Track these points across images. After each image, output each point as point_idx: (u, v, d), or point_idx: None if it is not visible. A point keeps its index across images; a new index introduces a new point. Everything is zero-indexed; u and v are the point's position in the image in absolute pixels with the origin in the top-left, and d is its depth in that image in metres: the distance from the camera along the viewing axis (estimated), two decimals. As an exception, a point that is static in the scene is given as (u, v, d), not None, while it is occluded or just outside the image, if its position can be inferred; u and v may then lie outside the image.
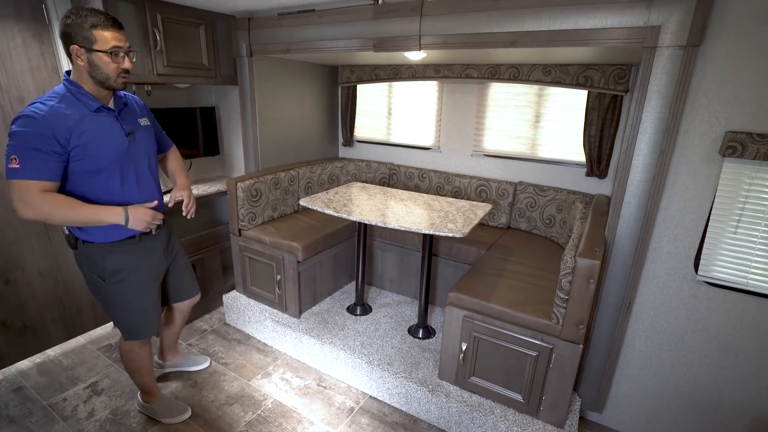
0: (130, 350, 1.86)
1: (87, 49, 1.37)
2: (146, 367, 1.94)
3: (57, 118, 1.35)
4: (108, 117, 1.51)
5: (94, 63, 1.39)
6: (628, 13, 1.55)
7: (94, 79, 1.43)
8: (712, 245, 1.70)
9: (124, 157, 1.53)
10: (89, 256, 1.59)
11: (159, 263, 1.79)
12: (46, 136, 1.32)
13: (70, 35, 1.36)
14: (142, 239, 1.66)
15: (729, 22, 1.49)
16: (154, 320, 1.81)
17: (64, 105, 1.38)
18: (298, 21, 2.39)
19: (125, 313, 1.72)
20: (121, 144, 1.52)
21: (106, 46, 1.38)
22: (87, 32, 1.35)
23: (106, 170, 1.49)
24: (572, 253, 1.64)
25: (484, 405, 1.96)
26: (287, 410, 2.15)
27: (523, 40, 1.77)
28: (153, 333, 1.82)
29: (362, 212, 2.17)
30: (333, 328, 2.53)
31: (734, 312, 1.72)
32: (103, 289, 1.64)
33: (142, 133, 1.63)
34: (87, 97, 1.43)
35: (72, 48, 1.36)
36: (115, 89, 1.50)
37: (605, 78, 2.29)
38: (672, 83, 1.55)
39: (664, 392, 1.97)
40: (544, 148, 2.73)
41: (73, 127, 1.38)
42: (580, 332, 1.68)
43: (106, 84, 1.45)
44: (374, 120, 3.44)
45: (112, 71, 1.42)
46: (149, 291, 1.75)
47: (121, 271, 1.62)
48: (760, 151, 1.50)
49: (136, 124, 1.62)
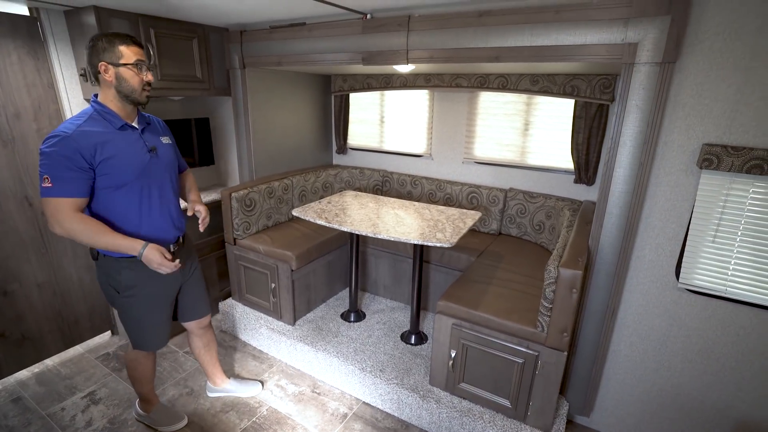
0: (136, 359, 1.92)
1: (114, 65, 1.48)
2: (148, 377, 1.99)
3: (84, 136, 1.43)
4: (132, 134, 1.58)
5: (120, 77, 1.49)
6: (606, 31, 1.60)
7: (120, 94, 1.52)
8: (691, 254, 1.74)
9: (146, 173, 1.60)
10: (106, 269, 1.65)
11: (173, 282, 1.80)
12: (74, 154, 1.40)
13: (98, 54, 1.47)
14: None
15: (703, 39, 1.53)
16: (161, 336, 1.86)
17: (91, 124, 1.48)
18: (289, 34, 2.44)
19: (134, 325, 1.78)
20: (143, 160, 1.59)
21: (130, 60, 1.50)
22: (114, 49, 1.47)
23: (129, 185, 1.55)
24: (555, 263, 1.68)
25: (473, 410, 2.01)
26: (282, 417, 2.19)
27: (506, 55, 1.82)
28: (159, 347, 1.87)
29: (353, 222, 2.21)
30: (327, 335, 2.58)
31: (714, 318, 1.77)
32: (117, 300, 1.71)
33: (163, 151, 1.70)
34: (112, 115, 1.53)
35: (100, 65, 1.47)
36: (140, 103, 1.58)
37: (591, 87, 2.34)
38: (650, 98, 1.59)
39: (649, 396, 2.01)
40: (534, 155, 2.78)
41: (98, 143, 1.45)
42: (565, 340, 1.73)
43: (131, 97, 1.54)
44: (367, 128, 3.49)
45: (137, 84, 1.52)
46: (159, 308, 1.79)
47: (133, 287, 1.67)
48: (734, 164, 1.55)
49: (158, 141, 1.69)
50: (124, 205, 1.56)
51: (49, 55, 2.25)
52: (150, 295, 1.73)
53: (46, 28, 2.21)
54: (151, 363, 1.96)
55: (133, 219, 1.59)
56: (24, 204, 2.27)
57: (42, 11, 2.19)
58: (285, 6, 2.09)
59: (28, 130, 2.23)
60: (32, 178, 2.28)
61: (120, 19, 2.21)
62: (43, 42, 2.22)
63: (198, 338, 2.11)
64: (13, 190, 2.22)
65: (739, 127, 1.55)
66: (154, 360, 1.99)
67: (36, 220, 2.32)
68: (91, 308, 2.67)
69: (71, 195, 1.42)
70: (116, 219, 1.56)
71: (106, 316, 2.76)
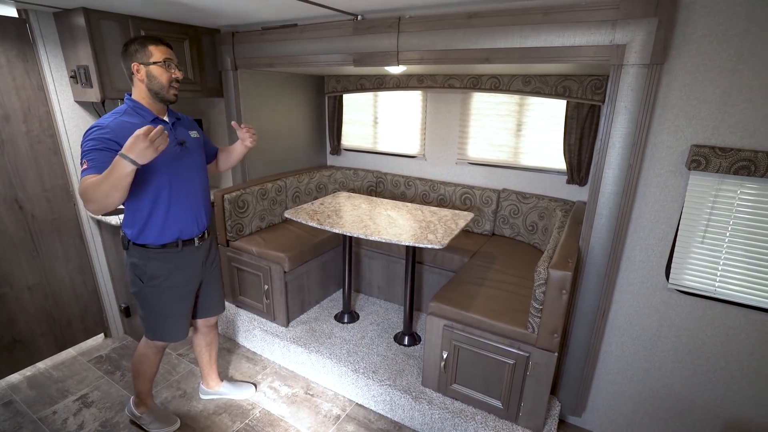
0: (145, 353, 1.94)
1: (145, 64, 1.58)
2: (151, 373, 2.02)
3: (120, 126, 1.51)
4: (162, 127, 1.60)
5: (151, 74, 1.59)
6: (595, 32, 1.60)
7: (151, 92, 1.61)
8: (681, 254, 1.75)
9: (176, 165, 1.67)
10: (135, 257, 1.71)
11: (196, 275, 1.87)
12: (110, 141, 1.47)
13: (132, 56, 1.58)
14: (184, 249, 1.76)
15: (690, 41, 1.54)
16: (180, 329, 1.88)
17: (126, 117, 1.58)
18: (281, 36, 2.43)
19: (154, 315, 1.81)
20: (174, 152, 1.66)
21: (159, 58, 1.59)
22: (144, 49, 1.58)
23: (158, 176, 1.61)
24: (545, 265, 1.69)
25: (465, 411, 2.01)
26: (275, 419, 2.19)
27: (496, 56, 1.82)
28: (178, 339, 1.89)
29: (346, 224, 2.21)
30: (320, 337, 2.58)
31: (704, 318, 1.78)
32: (141, 289, 1.75)
33: (192, 144, 1.78)
34: (144, 110, 1.63)
35: (133, 65, 1.58)
36: (169, 100, 1.65)
37: (583, 88, 2.34)
38: (638, 99, 1.60)
39: (641, 396, 2.02)
40: (526, 156, 2.78)
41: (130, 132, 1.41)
42: (555, 341, 1.73)
43: (160, 94, 1.62)
44: (361, 129, 3.49)
45: (166, 80, 1.61)
46: (181, 301, 1.84)
47: (158, 278, 1.73)
48: (722, 165, 1.55)
49: (187, 135, 1.77)
50: (153, 194, 1.63)
51: (39, 57, 2.24)
52: (173, 287, 1.78)
53: (35, 29, 2.20)
54: (158, 360, 1.99)
55: (160, 209, 1.65)
56: (14, 206, 2.25)
57: (31, 13, 2.18)
58: (276, 7, 2.09)
59: (18, 133, 2.22)
60: (22, 180, 2.27)
61: (110, 21, 2.20)
62: (33, 44, 2.20)
63: (203, 336, 2.14)
64: (3, 193, 2.20)
65: (727, 128, 1.56)
66: (160, 359, 2.01)
67: (26, 222, 2.31)
68: (84, 311, 2.66)
69: (99, 172, 1.41)
70: (144, 212, 1.63)
71: (98, 318, 2.75)
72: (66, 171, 2.44)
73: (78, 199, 2.52)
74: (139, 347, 1.96)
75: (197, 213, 1.79)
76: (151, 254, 1.70)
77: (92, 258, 2.65)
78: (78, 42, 2.19)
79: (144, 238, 1.68)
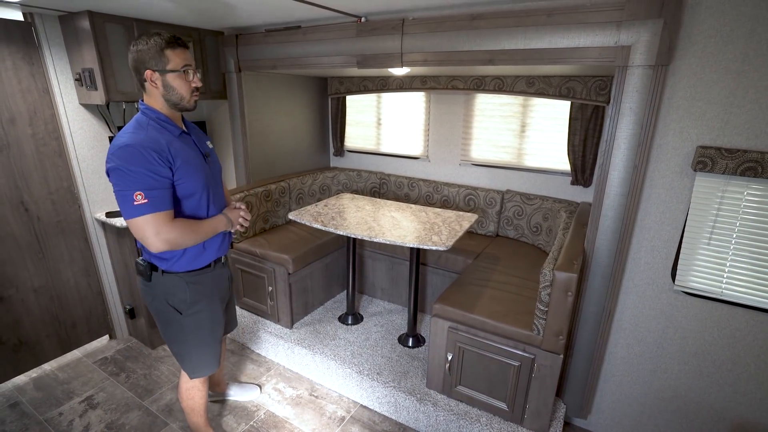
0: (193, 387, 1.77)
1: (160, 72, 1.35)
2: (204, 404, 1.85)
3: (155, 143, 1.33)
4: (188, 141, 1.50)
5: (168, 85, 1.37)
6: (599, 34, 1.59)
7: (168, 102, 1.41)
8: (687, 256, 1.74)
9: (208, 181, 1.52)
10: (167, 287, 1.52)
11: (226, 292, 1.76)
12: (157, 164, 1.31)
13: (143, 61, 1.34)
14: (215, 267, 1.63)
15: (695, 43, 1.53)
16: (218, 353, 1.73)
17: (153, 132, 1.37)
18: (285, 38, 2.44)
19: (196, 347, 1.63)
20: (203, 167, 1.51)
21: (178, 65, 1.37)
22: (158, 54, 1.34)
23: (198, 194, 1.47)
24: (550, 266, 1.68)
25: (470, 413, 2.01)
26: (279, 420, 2.19)
27: (499, 58, 1.81)
28: (216, 368, 1.74)
29: (350, 225, 2.21)
30: (324, 338, 2.58)
31: (710, 320, 1.77)
32: (176, 323, 1.57)
33: (212, 156, 1.64)
34: (168, 122, 1.43)
35: (146, 73, 1.35)
36: (188, 109, 1.47)
37: (587, 89, 2.34)
38: (644, 100, 1.59)
39: (647, 398, 2.01)
40: (530, 157, 2.78)
41: (169, 150, 1.36)
42: (560, 343, 1.73)
43: (180, 105, 1.43)
44: (364, 130, 3.49)
45: (186, 91, 1.41)
46: (218, 325, 1.69)
47: (199, 302, 1.57)
48: (729, 166, 1.54)
49: (206, 147, 1.61)
50: (191, 211, 1.49)
51: (44, 60, 2.25)
52: (213, 310, 1.63)
53: (40, 33, 2.21)
54: (206, 387, 1.82)
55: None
56: (20, 209, 2.27)
57: (36, 16, 2.19)
58: (280, 9, 2.09)
59: (24, 135, 2.23)
60: (28, 183, 2.28)
61: (115, 24, 2.21)
62: (38, 47, 2.22)
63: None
64: (9, 196, 2.22)
65: (733, 129, 1.55)
66: (207, 385, 1.87)
67: (32, 225, 2.32)
68: (89, 312, 2.67)
69: (167, 208, 1.34)
70: None
71: (103, 320, 2.76)
72: (71, 173, 2.46)
73: (82, 201, 2.53)
74: (181, 384, 1.78)
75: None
76: (187, 279, 1.52)
77: (97, 260, 2.66)
78: (83, 45, 2.20)
79: (180, 264, 1.50)
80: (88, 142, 2.51)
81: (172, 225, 1.36)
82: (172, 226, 1.36)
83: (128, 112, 2.63)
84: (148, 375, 2.51)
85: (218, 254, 1.63)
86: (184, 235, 1.38)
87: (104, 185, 2.62)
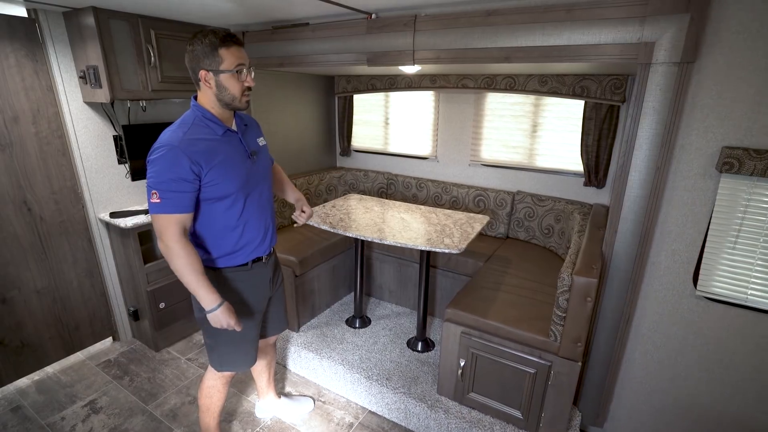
0: (214, 386, 1.77)
1: (214, 72, 1.35)
2: (220, 407, 1.84)
3: (191, 145, 1.33)
4: (233, 138, 1.48)
5: (221, 85, 1.37)
6: (621, 30, 1.53)
7: (221, 102, 1.41)
8: (710, 260, 1.68)
9: (248, 181, 1.49)
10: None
11: (265, 294, 1.71)
12: (182, 167, 1.31)
13: (198, 61, 1.34)
14: (253, 267, 1.61)
15: (723, 39, 1.47)
16: (251, 353, 1.72)
17: (195, 131, 1.37)
18: (292, 35, 2.39)
19: (226, 343, 1.63)
20: (246, 167, 1.48)
21: (231, 65, 1.35)
22: (213, 54, 1.33)
23: (232, 196, 1.45)
24: (569, 271, 1.62)
25: (483, 421, 1.95)
26: (286, 427, 2.14)
27: (516, 55, 1.76)
28: (248, 367, 1.74)
29: (359, 227, 2.16)
30: (332, 342, 2.53)
31: (734, 327, 1.71)
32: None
33: (261, 155, 1.59)
34: (214, 121, 1.42)
35: (201, 74, 1.36)
36: (240, 109, 1.47)
37: (602, 88, 2.28)
38: (667, 99, 1.53)
39: (665, 407, 1.95)
40: (542, 157, 2.72)
41: (205, 151, 1.36)
42: (579, 350, 1.67)
43: (231, 105, 1.42)
44: (371, 129, 3.44)
45: (238, 91, 1.39)
46: (254, 322, 1.67)
47: (240, 298, 1.58)
48: (757, 168, 1.48)
49: (256, 144, 1.59)
50: (225, 217, 1.46)
51: (48, 57, 2.21)
52: (246, 309, 1.62)
53: (44, 29, 2.17)
54: (226, 391, 1.82)
55: (233, 232, 1.50)
56: (23, 209, 2.22)
57: (40, 13, 2.15)
58: (288, 6, 2.04)
59: (27, 134, 2.18)
60: (31, 182, 2.23)
61: (119, 20, 2.17)
62: (42, 44, 2.17)
63: (263, 355, 1.99)
64: (12, 195, 2.17)
65: (761, 129, 1.49)
66: (228, 389, 1.86)
67: (35, 225, 2.28)
68: (92, 314, 2.63)
69: (178, 211, 1.33)
70: (216, 234, 1.47)
71: (107, 322, 2.71)
72: (74, 173, 2.41)
73: (86, 201, 2.49)
74: (204, 380, 1.77)
75: (267, 228, 1.62)
76: (220, 277, 1.53)
77: (100, 261, 2.62)
78: (87, 42, 2.16)
79: (213, 261, 1.51)
80: (92, 141, 2.46)
81: (178, 237, 1.34)
82: (177, 237, 1.34)
83: (133, 111, 2.59)
84: (152, 378, 2.46)
85: (257, 253, 1.59)
86: (177, 256, 1.35)
87: (108, 185, 2.57)
